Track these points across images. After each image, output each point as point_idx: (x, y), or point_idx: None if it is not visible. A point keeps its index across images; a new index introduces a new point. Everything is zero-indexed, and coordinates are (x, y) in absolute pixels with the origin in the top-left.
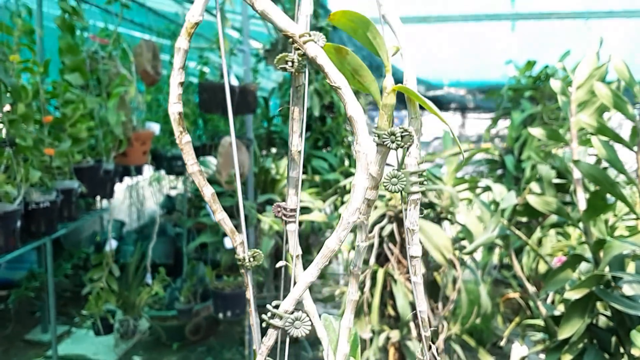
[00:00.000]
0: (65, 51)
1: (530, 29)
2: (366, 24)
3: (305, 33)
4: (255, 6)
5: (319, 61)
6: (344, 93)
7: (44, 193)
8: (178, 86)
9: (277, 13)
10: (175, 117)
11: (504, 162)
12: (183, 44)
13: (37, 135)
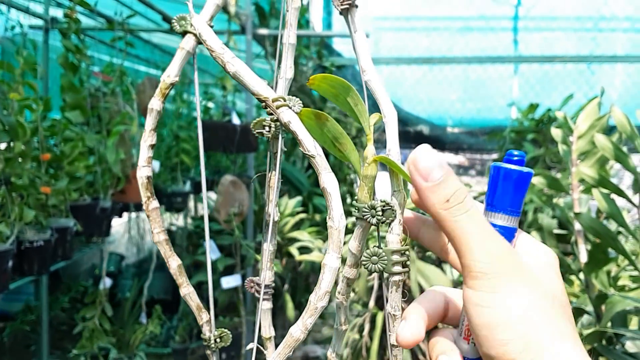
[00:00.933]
0: (67, 89)
1: (533, 72)
2: (347, 90)
3: (279, 97)
4: (227, 68)
5: (293, 127)
6: (317, 162)
7: (39, 232)
8: (148, 149)
9: (250, 76)
10: (143, 181)
11: None
12: (156, 105)
13: (34, 173)
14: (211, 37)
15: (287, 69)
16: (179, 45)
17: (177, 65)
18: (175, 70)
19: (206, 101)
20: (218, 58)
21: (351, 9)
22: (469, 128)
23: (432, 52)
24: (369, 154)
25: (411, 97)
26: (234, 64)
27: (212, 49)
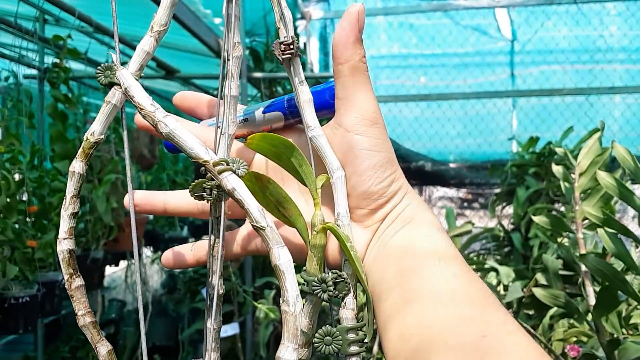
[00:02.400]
0: (56, 139)
1: (531, 106)
2: (290, 149)
3: (221, 160)
4: (160, 128)
5: (238, 196)
6: (267, 235)
7: (25, 287)
8: (70, 218)
9: (187, 136)
10: (64, 256)
11: (510, 239)
12: (78, 168)
13: (20, 226)
14: (139, 92)
15: (229, 123)
16: (104, 99)
17: (103, 122)
18: (100, 128)
19: None
20: (148, 117)
21: (294, 58)
22: (470, 162)
23: (430, 89)
24: (317, 221)
25: (410, 134)
26: (167, 124)
27: (141, 107)
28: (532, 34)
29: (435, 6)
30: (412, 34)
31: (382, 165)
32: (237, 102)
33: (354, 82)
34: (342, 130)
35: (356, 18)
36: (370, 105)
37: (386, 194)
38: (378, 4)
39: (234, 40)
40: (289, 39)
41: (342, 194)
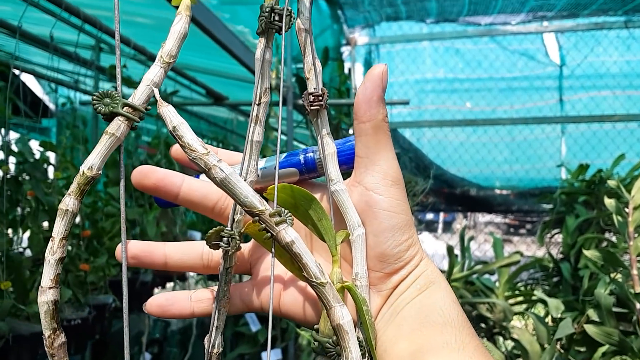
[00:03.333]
0: (110, 165)
1: (581, 132)
2: (309, 202)
3: (277, 211)
4: (213, 174)
5: (296, 249)
6: (327, 293)
7: (77, 309)
8: (57, 264)
9: (241, 184)
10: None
11: (559, 269)
12: (71, 205)
13: (74, 251)
14: (189, 132)
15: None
16: (106, 130)
17: (101, 156)
18: (98, 162)
19: None
20: (200, 160)
21: (321, 110)
22: (517, 189)
23: (476, 114)
24: (335, 279)
25: (455, 159)
26: (223, 169)
27: (191, 148)
28: (582, 59)
29: (482, 32)
30: (458, 58)
31: (400, 228)
32: (260, 146)
33: (376, 141)
34: (362, 188)
35: (380, 78)
36: (392, 165)
37: (402, 258)
38: (424, 29)
39: (265, 86)
40: (319, 91)
41: (361, 252)
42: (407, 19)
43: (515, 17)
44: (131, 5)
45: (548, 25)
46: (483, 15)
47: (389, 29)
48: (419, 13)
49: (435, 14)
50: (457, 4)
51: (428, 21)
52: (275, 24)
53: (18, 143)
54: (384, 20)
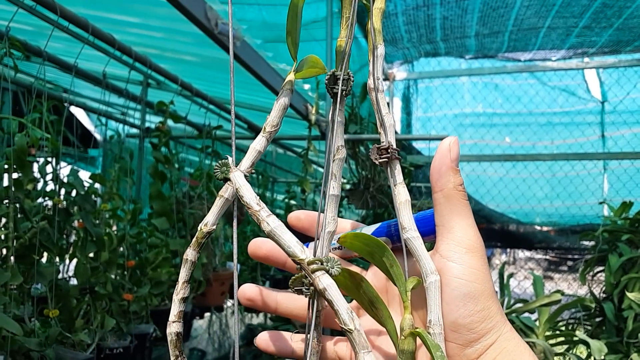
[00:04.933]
0: (155, 197)
1: (624, 169)
2: (382, 250)
3: (316, 260)
4: (263, 227)
5: (328, 296)
6: (355, 339)
7: (119, 338)
8: (180, 302)
9: (286, 235)
10: (172, 338)
11: (602, 309)
12: (191, 256)
13: (118, 280)
14: (248, 193)
15: (331, 221)
16: (219, 193)
17: (216, 214)
18: (213, 219)
19: (288, 199)
20: (254, 215)
21: (392, 162)
22: (558, 226)
23: (515, 149)
24: (406, 325)
25: (495, 194)
26: (269, 223)
27: (249, 206)
28: (624, 95)
29: (521, 67)
30: (497, 94)
31: (473, 297)
32: (339, 200)
33: (450, 210)
34: (438, 256)
35: (447, 149)
36: (466, 232)
37: (475, 330)
38: (462, 65)
39: (338, 144)
40: (386, 144)
41: (435, 300)
42: (445, 55)
43: (556, 53)
44: (178, 44)
45: (589, 62)
46: (523, 51)
47: (428, 65)
48: (458, 49)
49: (474, 50)
50: (497, 40)
51: (467, 57)
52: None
53: (70, 176)
54: (422, 56)
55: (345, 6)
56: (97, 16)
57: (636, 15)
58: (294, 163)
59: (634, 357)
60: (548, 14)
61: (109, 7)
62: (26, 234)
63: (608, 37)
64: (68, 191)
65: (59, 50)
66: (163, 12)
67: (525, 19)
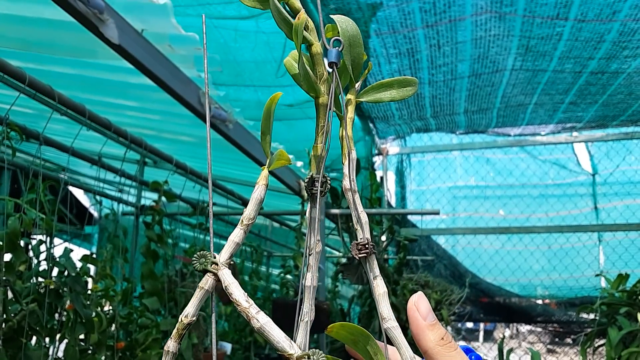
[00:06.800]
0: (146, 277)
1: (619, 240)
2: (366, 338)
3: (303, 354)
4: (252, 324)
5: None
6: None
7: None
8: None
9: (274, 331)
10: None
11: None
12: (172, 347)
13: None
14: (237, 291)
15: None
16: (199, 285)
17: (195, 305)
18: (193, 311)
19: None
20: (243, 312)
21: (369, 257)
22: (556, 299)
23: (510, 221)
24: None
25: (491, 267)
26: (259, 319)
27: (238, 303)
28: (614, 168)
29: (511, 142)
30: (489, 167)
31: None
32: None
33: None
34: None
35: (414, 309)
36: None
37: None
38: (453, 139)
39: (316, 238)
40: (364, 241)
41: None
42: (436, 131)
43: (544, 128)
44: (174, 125)
45: (578, 136)
46: (512, 126)
47: (420, 140)
48: (449, 125)
49: (465, 126)
50: (486, 117)
51: (458, 132)
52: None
53: (62, 257)
54: (414, 132)
55: (320, 117)
56: (95, 100)
57: (619, 92)
58: (290, 237)
59: None
60: (534, 92)
61: (106, 91)
62: (15, 317)
63: (594, 112)
64: (61, 271)
65: (58, 131)
66: (159, 97)
67: (512, 96)
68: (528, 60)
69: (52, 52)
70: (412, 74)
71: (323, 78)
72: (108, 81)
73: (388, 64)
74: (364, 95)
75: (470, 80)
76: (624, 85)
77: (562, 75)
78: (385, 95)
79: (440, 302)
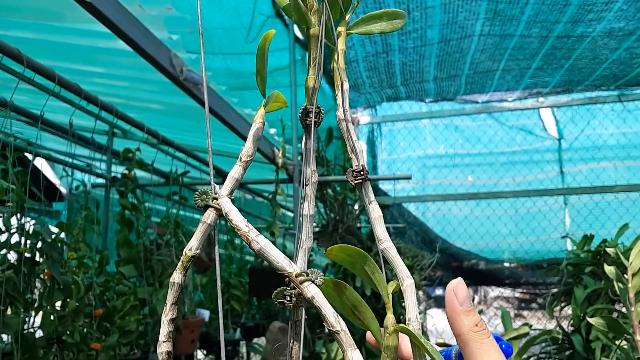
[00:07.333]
0: (122, 244)
1: (583, 203)
2: (364, 259)
3: (302, 272)
4: (253, 246)
5: (316, 303)
6: (342, 339)
7: None
8: (169, 323)
9: (274, 252)
10: (163, 357)
11: (571, 342)
12: (177, 279)
13: (86, 329)
14: (237, 216)
15: (307, 238)
16: (201, 219)
17: (199, 239)
18: (196, 244)
19: None
20: (244, 236)
21: (365, 183)
22: (524, 262)
23: (478, 187)
24: (389, 323)
25: (460, 232)
26: (258, 242)
27: (238, 228)
28: (579, 132)
29: (479, 109)
30: (458, 135)
31: None
32: (314, 219)
33: (470, 353)
34: None
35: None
36: None
37: None
38: (423, 108)
39: (312, 169)
40: (360, 167)
41: (412, 300)
42: (406, 99)
43: (511, 94)
44: (144, 92)
45: (544, 101)
46: (480, 93)
47: (390, 109)
48: (418, 93)
49: (434, 94)
50: (454, 84)
51: (427, 100)
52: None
53: (37, 224)
54: (384, 100)
55: (312, 48)
56: (62, 67)
57: (584, 57)
58: (263, 209)
59: None
60: (502, 57)
61: (73, 58)
62: None
63: (560, 77)
64: (34, 243)
65: (24, 102)
66: (128, 62)
67: (480, 62)
68: (496, 25)
69: (16, 15)
70: (382, 40)
71: (313, 9)
72: (75, 46)
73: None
74: (354, 28)
75: (440, 46)
76: (589, 49)
77: (529, 40)
78: (375, 27)
79: (411, 268)
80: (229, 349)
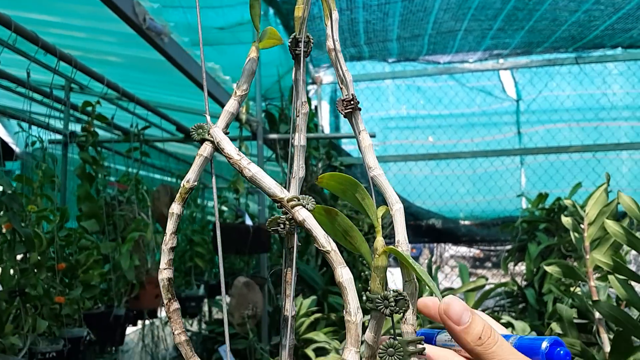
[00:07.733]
0: (83, 199)
1: (539, 163)
2: (354, 186)
3: (293, 197)
4: (245, 173)
5: (307, 225)
6: (332, 258)
7: (51, 342)
8: (169, 251)
9: (266, 179)
10: (164, 283)
11: (524, 295)
12: (176, 209)
13: (49, 283)
14: (228, 145)
15: (299, 169)
16: (197, 152)
17: (196, 171)
18: (194, 176)
19: (219, 205)
20: (236, 164)
21: (355, 112)
22: (480, 220)
23: (438, 148)
24: (379, 245)
25: (420, 192)
26: (250, 169)
27: (229, 156)
28: (537, 94)
29: (441, 70)
30: (420, 95)
31: None
32: (305, 150)
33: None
34: None
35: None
36: None
37: None
38: (386, 68)
39: (302, 100)
40: (349, 97)
41: (401, 224)
42: (370, 59)
43: (472, 55)
44: (102, 44)
45: (504, 63)
46: (442, 54)
47: (353, 68)
48: (381, 53)
49: (397, 54)
50: (417, 44)
51: (390, 60)
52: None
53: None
54: (347, 60)
55: None
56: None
57: (544, 18)
58: (224, 169)
59: (553, 325)
60: (464, 17)
61: (27, 5)
62: None
63: (520, 39)
64: None
65: None
66: (86, 11)
67: (443, 22)
68: None
69: None
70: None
71: None
72: None
73: None
74: None
75: (404, 4)
76: (549, 10)
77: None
78: None
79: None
80: (193, 304)
